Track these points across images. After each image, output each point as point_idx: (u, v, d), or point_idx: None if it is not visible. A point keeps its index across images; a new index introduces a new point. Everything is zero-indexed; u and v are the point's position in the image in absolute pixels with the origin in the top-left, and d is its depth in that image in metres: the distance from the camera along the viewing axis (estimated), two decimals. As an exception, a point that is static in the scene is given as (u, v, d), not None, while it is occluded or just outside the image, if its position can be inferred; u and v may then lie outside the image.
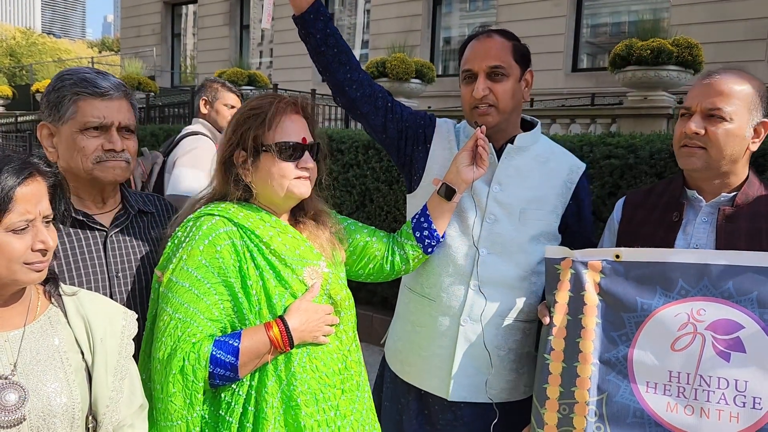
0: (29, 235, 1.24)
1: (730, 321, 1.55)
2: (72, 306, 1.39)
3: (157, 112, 12.38)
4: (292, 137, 1.58)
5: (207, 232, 1.51)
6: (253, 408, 1.50)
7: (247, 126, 1.58)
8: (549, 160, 1.98)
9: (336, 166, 5.48)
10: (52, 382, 1.28)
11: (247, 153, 1.57)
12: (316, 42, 1.86)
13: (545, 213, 1.94)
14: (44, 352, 1.30)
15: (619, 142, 3.86)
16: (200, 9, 20.21)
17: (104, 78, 1.61)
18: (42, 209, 1.27)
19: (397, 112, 1.99)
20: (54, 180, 1.32)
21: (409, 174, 2.06)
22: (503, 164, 1.94)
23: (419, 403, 2.00)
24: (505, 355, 1.93)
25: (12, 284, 1.26)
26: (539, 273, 1.92)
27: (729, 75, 1.68)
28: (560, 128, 7.90)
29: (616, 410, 1.62)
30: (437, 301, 1.94)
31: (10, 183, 1.21)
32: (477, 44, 1.92)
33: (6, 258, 1.22)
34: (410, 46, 11.69)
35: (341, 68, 1.89)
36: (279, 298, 1.54)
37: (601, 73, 12.19)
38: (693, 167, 1.69)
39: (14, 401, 1.23)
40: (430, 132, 2.03)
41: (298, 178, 1.59)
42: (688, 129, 1.67)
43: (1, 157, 1.24)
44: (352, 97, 1.92)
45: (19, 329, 1.30)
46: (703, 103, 1.66)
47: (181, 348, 1.43)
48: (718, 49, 10.75)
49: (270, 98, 1.61)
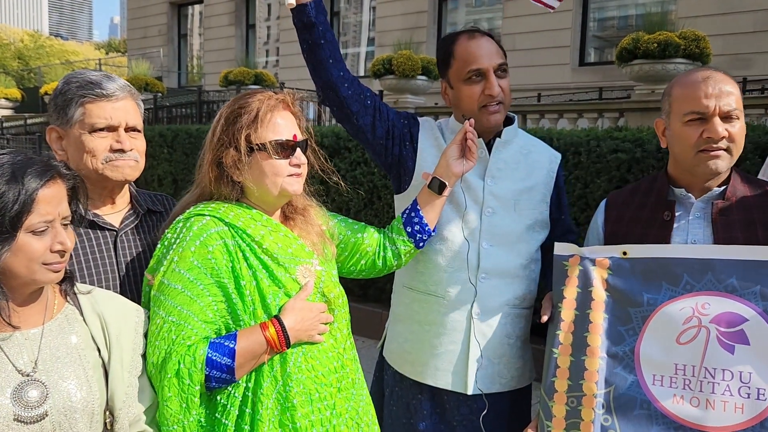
0: (49, 236, 1.27)
1: (734, 314, 1.57)
2: (87, 304, 1.41)
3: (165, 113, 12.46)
4: (283, 134, 1.56)
5: (198, 232, 1.48)
6: (250, 410, 1.48)
7: (238, 125, 1.54)
8: (531, 152, 2.05)
9: (343, 164, 5.50)
10: (71, 379, 1.31)
11: (238, 152, 1.54)
12: (318, 34, 1.81)
13: (537, 202, 2.00)
14: (63, 350, 1.33)
15: (626, 136, 3.87)
16: (206, 9, 20.27)
17: (110, 80, 1.63)
18: (61, 211, 1.30)
19: (384, 112, 1.98)
20: (73, 182, 1.35)
21: (398, 174, 2.05)
22: (494, 158, 1.98)
23: (432, 402, 2.01)
24: (514, 343, 1.97)
25: (31, 284, 1.29)
26: (537, 260, 1.98)
27: (721, 74, 1.70)
28: (568, 123, 7.89)
29: (624, 402, 1.64)
30: (445, 298, 1.96)
31: (33, 185, 1.24)
32: (478, 44, 1.93)
33: (26, 258, 1.25)
34: (416, 43, 11.70)
35: (336, 65, 1.86)
36: (273, 298, 1.52)
37: (608, 67, 12.15)
38: (718, 170, 1.68)
39: (37, 397, 1.26)
40: (415, 131, 2.03)
41: (291, 175, 1.57)
42: (714, 134, 1.64)
43: (24, 159, 1.27)
44: (344, 95, 1.88)
45: (38, 327, 1.33)
46: (721, 106, 1.65)
47: (176, 351, 1.41)
48: (725, 42, 10.68)
49: (259, 95, 1.58)
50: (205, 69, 20.20)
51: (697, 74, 1.71)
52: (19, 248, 1.23)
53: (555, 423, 1.70)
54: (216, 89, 13.94)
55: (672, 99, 1.74)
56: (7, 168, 1.24)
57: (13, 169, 1.24)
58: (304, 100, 1.67)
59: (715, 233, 1.69)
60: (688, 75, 1.74)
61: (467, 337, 1.94)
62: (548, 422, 1.71)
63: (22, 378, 1.26)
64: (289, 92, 1.64)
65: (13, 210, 1.21)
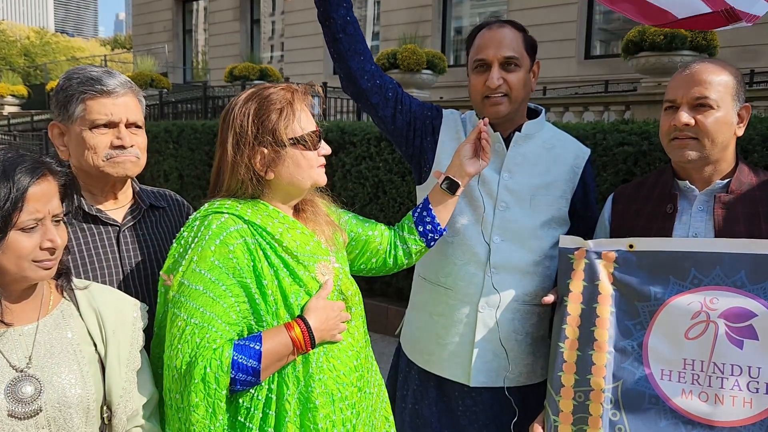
0: (38, 233, 1.26)
1: (743, 309, 1.55)
2: (84, 299, 1.41)
3: (170, 108, 12.47)
4: (311, 126, 1.55)
5: (217, 231, 1.44)
6: (274, 412, 1.44)
7: (272, 120, 1.49)
8: (555, 146, 2.01)
9: (348, 158, 5.49)
10: (66, 374, 1.30)
11: (273, 148, 1.49)
12: (336, 27, 1.85)
13: (555, 198, 1.96)
14: (58, 345, 1.33)
15: (632, 129, 3.84)
16: (211, 5, 20.27)
17: (110, 76, 1.63)
18: (51, 208, 1.28)
19: (406, 104, 2.01)
20: (65, 179, 1.34)
21: (419, 165, 2.07)
22: (512, 152, 1.96)
23: (438, 390, 2.03)
24: (523, 339, 1.96)
25: (21, 281, 1.28)
26: (552, 257, 1.94)
27: (708, 64, 1.69)
28: (573, 116, 7.85)
29: (632, 397, 1.63)
30: (454, 290, 1.97)
31: (24, 183, 1.23)
32: (490, 33, 1.93)
33: (15, 255, 1.24)
34: (421, 37, 11.66)
35: (356, 57, 1.89)
36: (295, 297, 1.48)
37: (614, 60, 12.06)
38: (688, 159, 1.68)
39: (30, 393, 1.26)
40: (438, 123, 2.04)
41: (320, 166, 1.57)
42: (677, 121, 1.66)
43: (15, 156, 1.26)
44: (364, 87, 1.93)
45: (33, 324, 1.32)
46: (689, 93, 1.66)
47: (202, 355, 1.36)
48: (732, 33, 10.57)
49: (281, 89, 1.54)
50: (210, 64, 20.21)
51: (686, 65, 1.72)
52: (7, 246, 1.22)
53: (562, 418, 1.69)
54: (221, 84, 13.94)
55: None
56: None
57: (3, 166, 1.23)
58: (314, 95, 1.65)
59: (717, 227, 1.68)
60: (681, 66, 1.76)
61: (472, 330, 1.94)
62: (555, 417, 1.70)
63: (16, 374, 1.26)
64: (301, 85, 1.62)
65: (5, 207, 1.20)
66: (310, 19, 16.88)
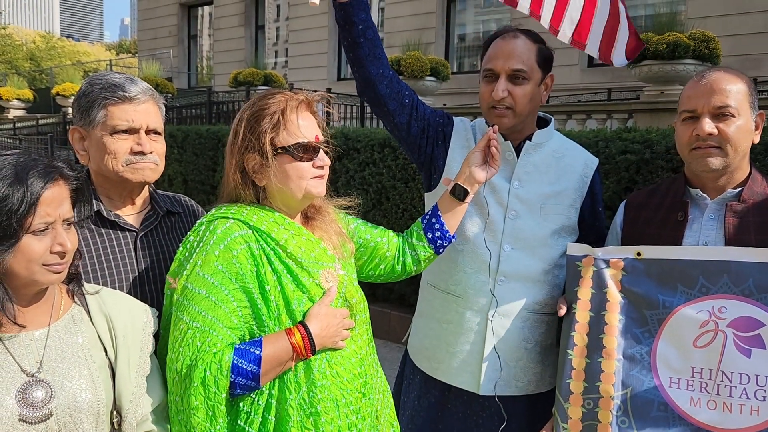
0: (48, 237, 1.26)
1: (751, 318, 1.56)
2: (95, 304, 1.41)
3: (175, 113, 12.51)
4: (307, 136, 1.53)
5: (222, 236, 1.45)
6: (273, 417, 1.45)
7: (260, 128, 1.50)
8: (564, 155, 2.01)
9: (352, 164, 5.50)
10: (77, 379, 1.31)
11: (262, 156, 1.51)
12: (357, 32, 1.83)
13: (564, 207, 1.96)
14: (69, 350, 1.33)
15: (635, 137, 3.84)
16: (216, 10, 20.35)
17: (133, 83, 1.65)
18: (62, 212, 1.29)
19: (421, 111, 2.00)
20: (77, 184, 1.34)
21: (429, 173, 2.07)
22: (522, 161, 1.96)
23: (444, 396, 2.03)
24: (532, 348, 1.96)
25: (32, 284, 1.29)
26: (561, 266, 1.94)
27: (723, 73, 1.69)
28: (576, 124, 7.86)
29: (641, 404, 1.63)
30: (464, 298, 1.96)
31: (37, 187, 1.24)
32: (502, 44, 1.92)
33: (25, 259, 1.24)
34: (425, 44, 11.68)
35: (376, 62, 1.88)
36: (298, 303, 1.49)
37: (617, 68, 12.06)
38: (711, 167, 1.68)
39: (41, 398, 1.26)
40: (449, 131, 2.05)
41: (315, 177, 1.55)
42: (701, 131, 1.65)
43: (27, 160, 1.27)
44: (382, 93, 1.91)
45: (44, 328, 1.33)
46: (710, 102, 1.66)
47: (202, 359, 1.37)
48: (735, 42, 10.60)
49: (279, 96, 1.54)
50: (215, 70, 20.26)
51: (701, 74, 1.72)
52: (19, 249, 1.23)
53: (571, 425, 1.69)
54: (225, 90, 13.97)
55: (679, 100, 1.76)
56: (10, 169, 1.24)
57: (17, 170, 1.24)
58: (320, 102, 1.64)
59: (728, 236, 1.68)
60: (696, 75, 1.76)
61: (482, 339, 1.94)
62: (564, 424, 1.71)
63: (27, 378, 1.27)
64: (309, 92, 1.62)
65: (20, 211, 1.21)
66: (315, 25, 16.96)
